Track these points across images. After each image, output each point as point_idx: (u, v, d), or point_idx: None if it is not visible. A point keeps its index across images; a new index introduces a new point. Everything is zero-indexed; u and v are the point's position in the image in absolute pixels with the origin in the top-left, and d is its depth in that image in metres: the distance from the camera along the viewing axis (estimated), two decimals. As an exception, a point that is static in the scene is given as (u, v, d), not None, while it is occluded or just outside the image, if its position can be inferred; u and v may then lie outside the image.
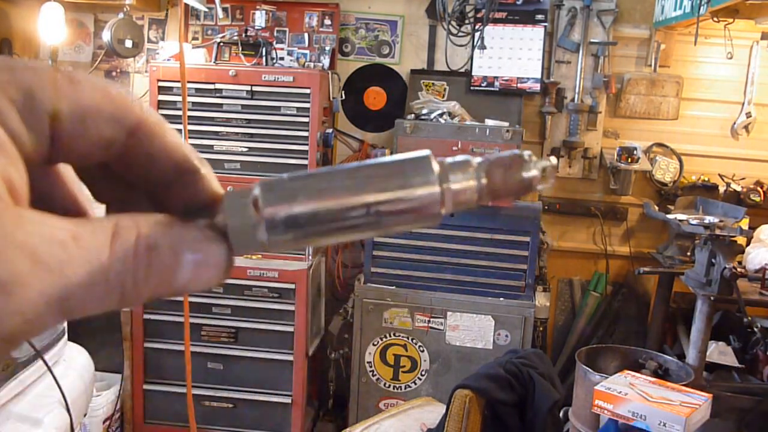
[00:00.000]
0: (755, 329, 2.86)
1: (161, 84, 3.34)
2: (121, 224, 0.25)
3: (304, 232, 0.27)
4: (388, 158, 0.28)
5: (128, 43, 3.39)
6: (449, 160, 0.28)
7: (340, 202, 0.27)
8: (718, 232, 2.86)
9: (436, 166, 0.28)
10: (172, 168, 0.28)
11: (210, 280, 0.26)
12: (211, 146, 3.36)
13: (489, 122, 3.44)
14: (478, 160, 0.29)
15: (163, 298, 0.26)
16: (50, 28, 3.34)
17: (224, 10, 3.70)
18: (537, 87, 3.70)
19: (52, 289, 0.22)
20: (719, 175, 3.74)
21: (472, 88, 3.74)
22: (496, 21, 3.64)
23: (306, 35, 3.83)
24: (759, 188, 3.65)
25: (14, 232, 0.21)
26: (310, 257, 3.42)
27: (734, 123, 3.76)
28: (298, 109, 3.31)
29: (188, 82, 2.92)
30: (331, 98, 3.62)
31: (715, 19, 3.11)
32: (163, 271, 0.25)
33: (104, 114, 0.26)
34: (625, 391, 2.02)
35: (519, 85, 3.71)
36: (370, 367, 3.36)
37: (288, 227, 0.27)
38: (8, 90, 0.23)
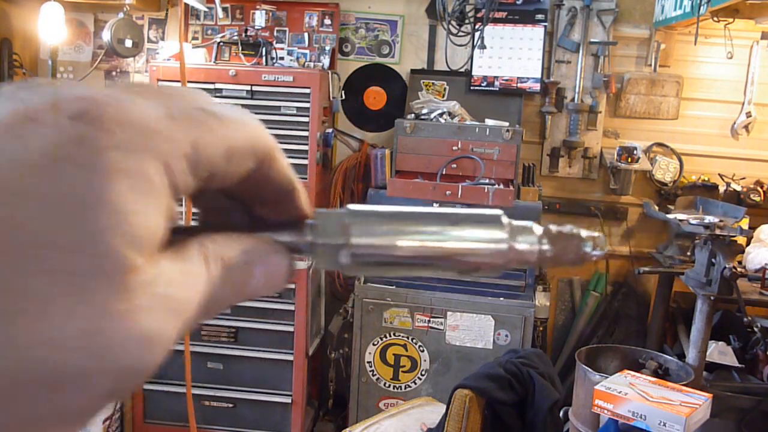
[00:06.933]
0: (755, 329, 2.86)
1: (161, 84, 3.33)
2: (208, 250, 0.27)
3: (382, 263, 0.30)
4: (465, 211, 0.32)
5: (128, 43, 3.39)
6: (515, 223, 0.32)
7: (420, 244, 0.30)
8: (718, 231, 2.86)
9: (507, 226, 0.31)
10: (280, 189, 0.30)
11: (275, 287, 0.29)
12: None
13: (489, 122, 3.44)
14: (539, 228, 0.33)
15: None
16: (50, 28, 3.34)
17: (224, 9, 3.69)
18: (537, 87, 3.70)
19: (178, 330, 0.25)
20: (719, 174, 3.74)
21: (472, 87, 3.74)
22: (496, 21, 3.64)
23: (306, 35, 3.83)
24: (759, 188, 3.64)
25: (155, 287, 0.23)
26: (310, 257, 3.41)
27: (734, 123, 3.76)
28: (298, 108, 3.31)
29: (188, 81, 2.92)
30: (331, 98, 3.62)
31: (715, 18, 3.11)
32: (239, 285, 0.28)
33: (246, 150, 0.27)
34: (625, 391, 2.02)
35: (519, 84, 3.71)
36: (370, 367, 3.36)
37: (369, 257, 0.30)
38: (183, 146, 0.25)
